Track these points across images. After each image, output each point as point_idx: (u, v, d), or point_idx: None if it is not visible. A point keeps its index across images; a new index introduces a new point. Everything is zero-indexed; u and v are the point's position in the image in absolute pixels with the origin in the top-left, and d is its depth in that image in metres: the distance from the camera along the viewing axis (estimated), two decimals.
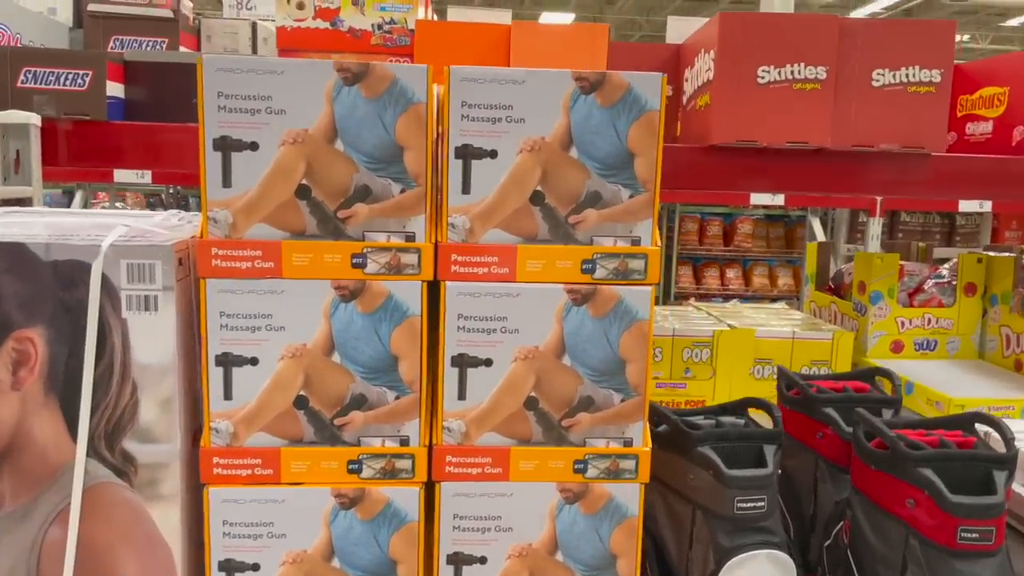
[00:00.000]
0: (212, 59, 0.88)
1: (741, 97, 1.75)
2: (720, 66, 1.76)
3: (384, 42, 1.81)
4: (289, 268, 0.91)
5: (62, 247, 0.90)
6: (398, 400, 0.95)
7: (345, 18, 1.78)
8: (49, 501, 0.94)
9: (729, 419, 1.26)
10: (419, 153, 0.91)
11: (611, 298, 0.94)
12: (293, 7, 1.75)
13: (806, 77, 1.75)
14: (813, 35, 1.75)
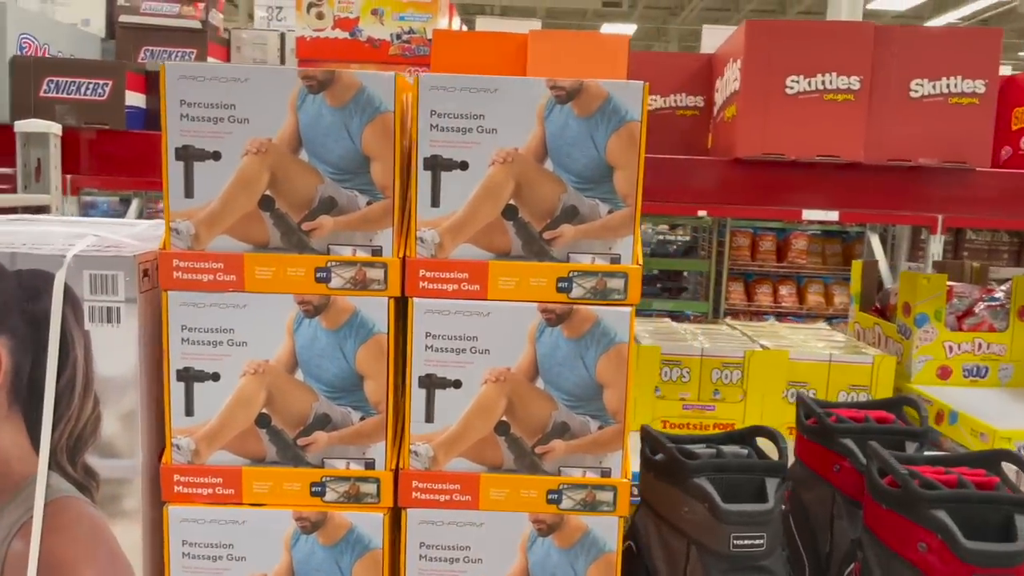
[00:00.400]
0: (175, 66, 0.86)
1: (768, 108, 1.68)
2: (747, 76, 1.69)
3: (403, 52, 1.79)
4: (251, 282, 0.88)
5: (26, 256, 0.89)
6: (363, 421, 0.91)
7: (364, 28, 1.76)
8: (12, 514, 0.93)
9: (732, 448, 1.18)
10: (386, 164, 0.87)
11: (588, 319, 0.89)
12: (312, 17, 1.74)
13: (838, 87, 1.67)
14: (846, 43, 1.67)
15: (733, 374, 2.10)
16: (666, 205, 1.93)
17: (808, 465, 1.35)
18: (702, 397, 2.11)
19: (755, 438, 1.23)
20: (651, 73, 2.08)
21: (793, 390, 2.13)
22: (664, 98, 2.09)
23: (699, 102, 2.08)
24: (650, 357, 2.08)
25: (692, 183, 1.72)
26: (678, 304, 5.34)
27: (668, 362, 2.09)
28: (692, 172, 1.71)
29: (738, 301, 5.23)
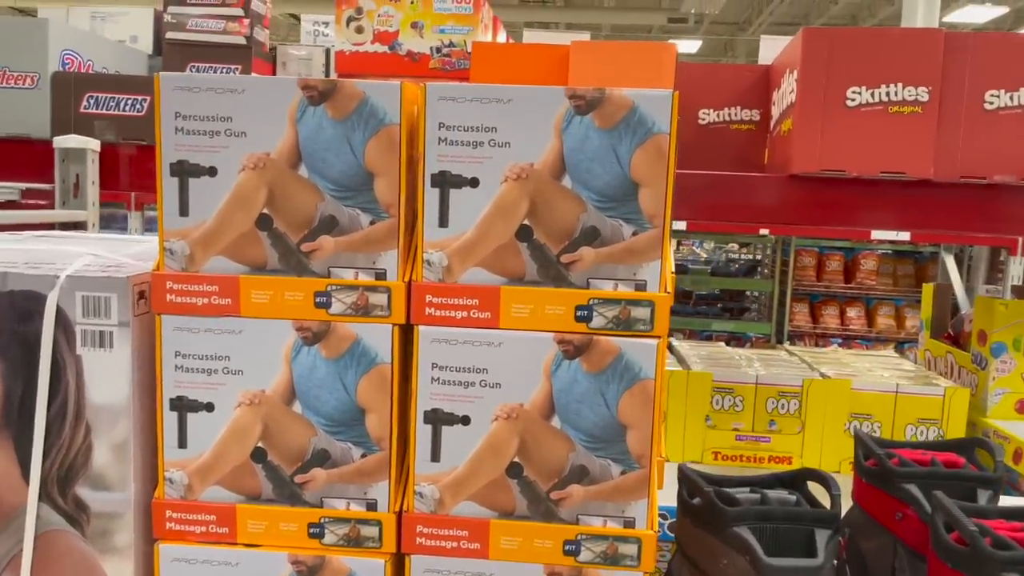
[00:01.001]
0: (170, 77, 0.81)
1: (827, 121, 1.57)
2: (804, 87, 1.58)
3: (443, 65, 1.73)
4: (248, 306, 0.82)
5: (19, 277, 0.85)
6: (365, 458, 0.84)
7: (404, 41, 1.71)
8: (3, 545, 0.88)
9: (779, 494, 1.08)
10: (391, 180, 0.81)
11: (609, 351, 0.80)
12: (352, 31, 1.71)
13: (904, 99, 1.55)
14: (913, 51, 1.55)
15: (790, 404, 1.98)
16: (714, 223, 1.83)
17: (867, 511, 1.23)
18: (757, 428, 1.99)
19: (806, 482, 1.12)
20: (704, 85, 1.99)
21: (856, 423, 1.99)
22: (717, 111, 1.99)
23: (755, 116, 1.98)
24: (701, 384, 1.97)
25: (743, 200, 1.62)
26: (739, 325, 5.16)
27: (720, 389, 1.98)
28: (743, 189, 1.61)
29: (803, 323, 5.02)
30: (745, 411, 1.99)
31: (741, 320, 5.32)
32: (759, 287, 5.31)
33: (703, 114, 2.00)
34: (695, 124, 2.00)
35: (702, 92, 1.99)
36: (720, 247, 7.34)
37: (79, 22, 2.11)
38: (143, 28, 2.08)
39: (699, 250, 8.75)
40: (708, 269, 5.52)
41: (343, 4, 1.73)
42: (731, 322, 5.22)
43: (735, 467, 1.98)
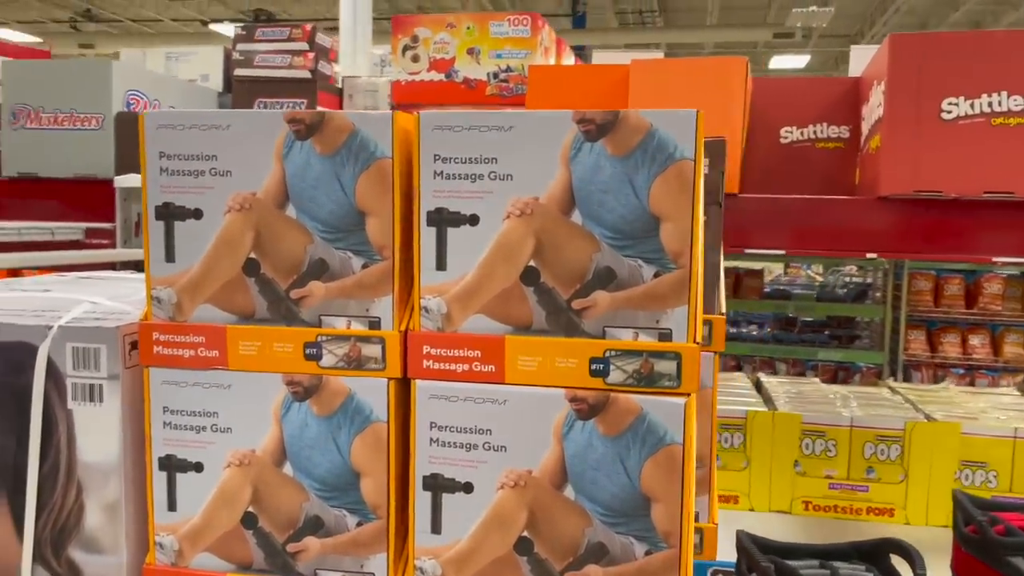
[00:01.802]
0: (154, 115, 0.76)
1: (920, 138, 1.41)
2: (892, 100, 1.43)
3: (500, 91, 1.66)
4: (235, 358, 0.76)
5: (10, 327, 0.81)
6: (360, 527, 0.76)
7: (460, 68, 1.65)
8: None
9: (854, 569, 0.93)
10: (384, 220, 0.73)
11: (630, 411, 0.69)
12: (408, 60, 1.66)
13: (1010, 110, 1.38)
14: (1021, 56, 1.37)
15: (891, 450, 1.79)
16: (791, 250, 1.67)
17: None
18: (853, 475, 1.81)
19: (888, 554, 0.97)
20: (786, 101, 1.84)
21: (968, 471, 1.78)
22: (801, 129, 1.84)
23: (843, 132, 1.82)
24: (789, 426, 1.80)
25: (823, 226, 1.47)
26: (848, 354, 4.85)
27: (810, 432, 1.81)
28: (822, 213, 1.46)
29: (919, 351, 4.67)
30: (839, 457, 1.81)
31: (850, 349, 4.99)
32: (869, 313, 4.98)
33: (785, 132, 1.85)
34: (776, 144, 1.85)
35: (784, 109, 1.85)
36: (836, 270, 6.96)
37: (155, 63, 2.16)
38: (214, 66, 2.11)
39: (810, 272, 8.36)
40: (814, 294, 5.22)
41: (399, 33, 1.68)
42: (839, 351, 4.90)
43: (828, 518, 1.80)
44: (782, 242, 1.50)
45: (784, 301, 5.02)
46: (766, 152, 1.84)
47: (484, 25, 1.62)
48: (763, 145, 1.84)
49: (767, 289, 5.18)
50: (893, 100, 1.42)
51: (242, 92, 2.05)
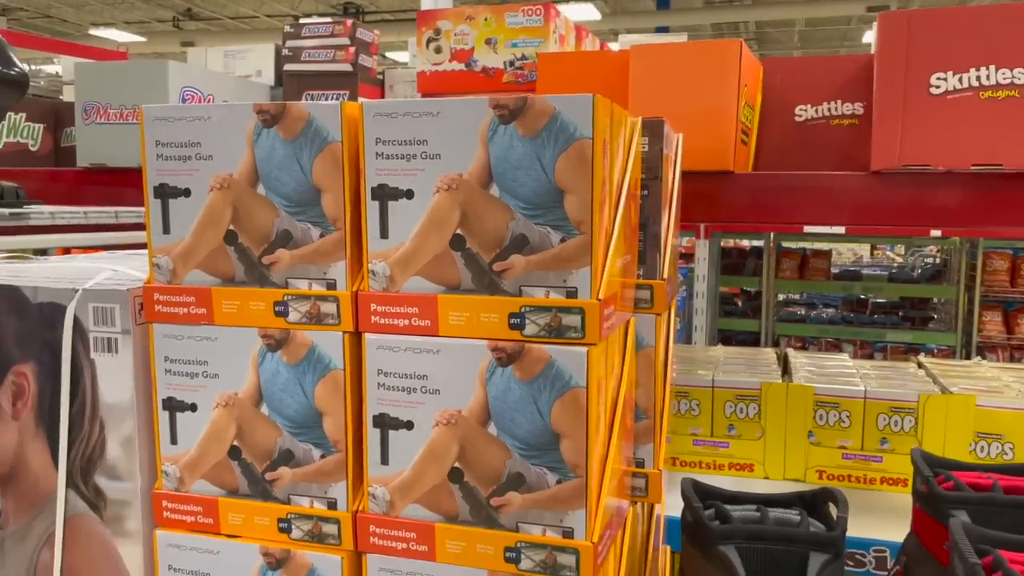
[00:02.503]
0: (151, 109, 0.90)
1: (909, 113, 1.44)
2: (881, 76, 1.47)
3: (516, 79, 1.76)
4: (220, 315, 0.90)
5: (46, 290, 0.97)
6: (324, 459, 0.89)
7: (479, 58, 1.76)
8: (41, 525, 1.01)
9: (786, 513, 1.01)
10: (336, 195, 0.85)
11: (540, 359, 0.80)
12: (431, 52, 1.77)
13: (999, 83, 1.40)
14: (1009, 30, 1.39)
15: (905, 421, 1.82)
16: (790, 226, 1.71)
17: (920, 539, 1.13)
18: (867, 446, 1.85)
19: (826, 502, 1.04)
20: (799, 80, 1.88)
21: (983, 443, 1.80)
22: (815, 107, 1.87)
23: (858, 109, 1.85)
24: (801, 398, 1.86)
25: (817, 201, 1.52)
26: (919, 336, 4.74)
27: (823, 404, 1.86)
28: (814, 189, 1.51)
29: (995, 333, 4.53)
30: (853, 428, 1.85)
31: (923, 330, 4.87)
32: (942, 293, 4.85)
33: (800, 111, 1.89)
34: (791, 122, 1.89)
35: (798, 87, 1.89)
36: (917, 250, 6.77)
37: (214, 62, 2.35)
38: (266, 63, 2.28)
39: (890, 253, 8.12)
40: (887, 274, 5.12)
41: (423, 26, 1.80)
42: (910, 332, 4.80)
43: (842, 487, 1.84)
44: (778, 217, 1.56)
45: (853, 282, 4.93)
46: (781, 131, 1.88)
47: (500, 16, 1.72)
48: (778, 124, 1.88)
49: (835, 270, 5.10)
50: (882, 76, 1.46)
51: (291, 86, 2.21)
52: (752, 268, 5.27)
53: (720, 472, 1.90)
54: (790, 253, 5.06)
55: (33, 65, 15.81)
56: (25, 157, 2.57)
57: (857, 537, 1.57)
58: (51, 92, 14.13)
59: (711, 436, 1.91)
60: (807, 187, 1.51)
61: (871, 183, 1.48)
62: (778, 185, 1.54)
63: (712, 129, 1.55)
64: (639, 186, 1.01)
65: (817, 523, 1.00)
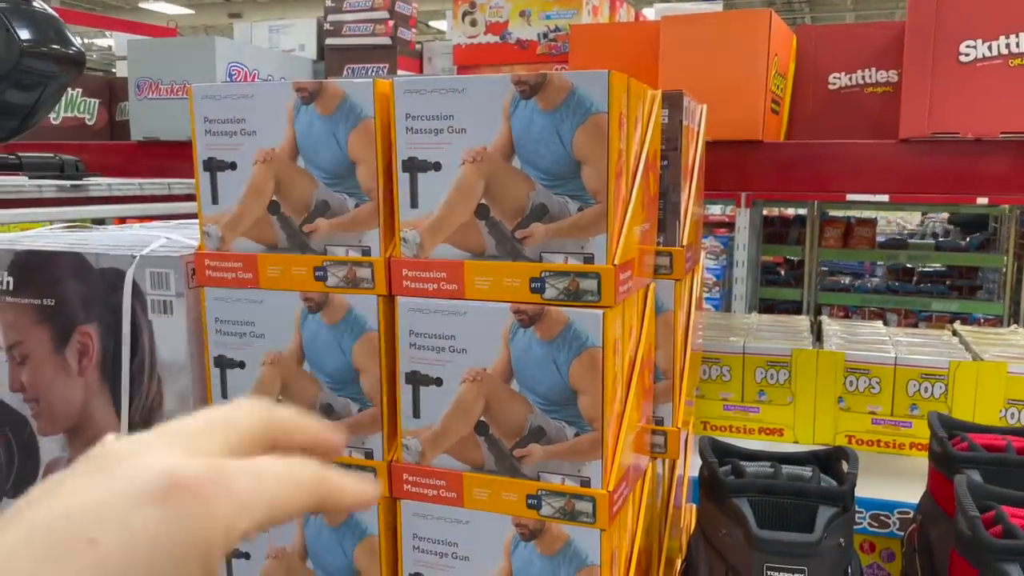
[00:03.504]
0: (199, 88, 0.97)
1: (937, 80, 1.46)
2: (911, 44, 1.48)
3: (549, 50, 1.79)
4: (265, 279, 0.97)
5: (107, 257, 1.06)
6: (361, 413, 0.96)
7: (513, 30, 1.80)
8: None
9: (798, 469, 1.06)
10: (370, 168, 0.91)
11: (559, 321, 0.85)
12: (467, 25, 1.82)
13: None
14: None
15: (934, 387, 1.85)
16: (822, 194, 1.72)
17: (935, 498, 1.17)
18: (896, 412, 1.88)
19: (840, 461, 1.08)
20: (833, 48, 1.89)
21: (1014, 410, 1.81)
22: (849, 75, 1.88)
23: (892, 77, 1.85)
24: (831, 364, 1.88)
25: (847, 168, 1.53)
26: (965, 305, 4.67)
27: (853, 370, 1.89)
28: (842, 157, 1.53)
29: None
30: (883, 394, 1.88)
31: (970, 300, 4.81)
32: (989, 262, 4.77)
33: (833, 79, 1.90)
34: (824, 90, 1.90)
35: (832, 55, 1.90)
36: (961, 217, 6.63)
37: (260, 36, 2.42)
38: (309, 37, 2.34)
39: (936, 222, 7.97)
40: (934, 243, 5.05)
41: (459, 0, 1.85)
42: (956, 301, 4.73)
43: (872, 451, 1.88)
44: (807, 185, 1.58)
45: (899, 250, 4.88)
46: (814, 99, 1.90)
47: None
48: (811, 92, 1.89)
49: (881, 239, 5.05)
50: (912, 44, 1.46)
51: (333, 59, 2.28)
52: (795, 237, 5.23)
53: (750, 436, 1.95)
54: (834, 222, 5.02)
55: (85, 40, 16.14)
56: (82, 131, 2.68)
57: (881, 499, 1.61)
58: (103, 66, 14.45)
59: (741, 401, 1.95)
60: (834, 155, 1.53)
61: (899, 151, 1.50)
62: (806, 154, 1.56)
63: (741, 99, 1.58)
64: (659, 157, 1.05)
65: (829, 479, 1.04)
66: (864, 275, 5.53)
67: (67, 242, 1.14)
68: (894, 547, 1.67)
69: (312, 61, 2.33)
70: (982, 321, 4.62)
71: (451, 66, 2.28)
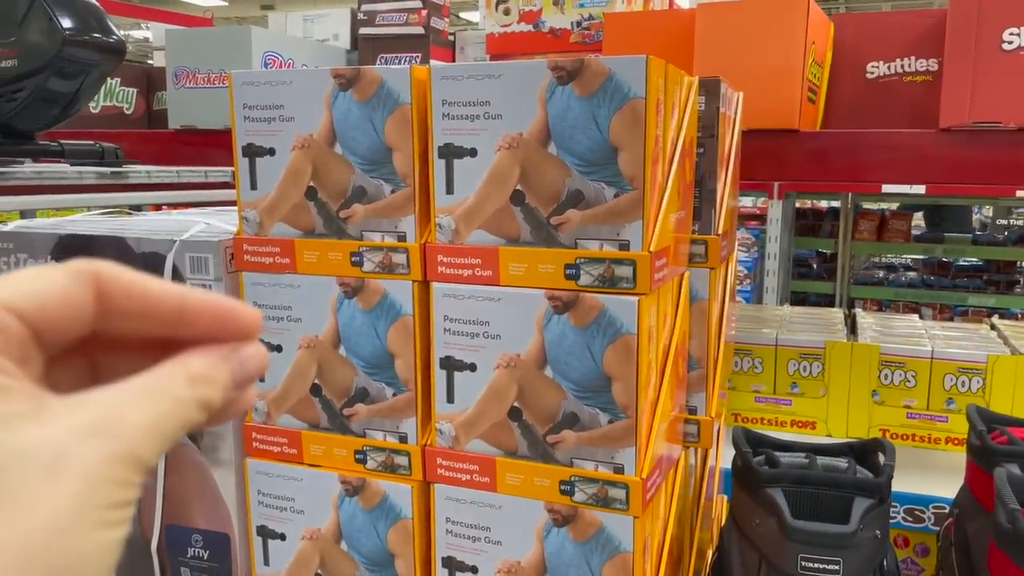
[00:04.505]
0: (239, 75, 0.98)
1: (979, 69, 1.43)
2: (952, 32, 1.45)
3: (583, 39, 1.79)
4: (302, 264, 0.98)
5: (148, 241, 1.07)
6: (396, 397, 0.97)
7: (546, 19, 1.79)
8: None
9: (834, 461, 1.05)
10: (406, 154, 0.92)
11: (594, 307, 0.85)
12: (500, 14, 1.82)
13: None
14: None
15: (972, 381, 1.82)
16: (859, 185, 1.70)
17: (973, 492, 1.15)
18: (932, 406, 1.85)
19: (877, 453, 1.08)
20: (871, 36, 1.86)
21: None
22: (888, 63, 1.85)
23: (932, 65, 1.82)
24: (866, 357, 1.86)
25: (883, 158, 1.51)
26: (1002, 300, 4.59)
27: (888, 363, 1.86)
28: (880, 147, 1.50)
29: None
30: (919, 387, 1.85)
31: (1008, 295, 4.72)
32: None
33: (872, 68, 1.87)
34: (862, 79, 1.88)
35: (870, 44, 1.87)
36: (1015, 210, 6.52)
37: (294, 26, 2.44)
38: (342, 27, 2.36)
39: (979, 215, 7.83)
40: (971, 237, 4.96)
41: None
42: (993, 296, 4.65)
43: (907, 446, 1.85)
44: (843, 175, 1.56)
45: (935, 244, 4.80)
46: (852, 88, 1.87)
47: None
48: (849, 81, 1.87)
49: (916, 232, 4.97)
50: (953, 32, 1.44)
51: (366, 49, 2.28)
52: (828, 229, 5.17)
53: (782, 429, 1.93)
54: (868, 214, 4.95)
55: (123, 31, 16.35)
56: (120, 119, 2.73)
57: (917, 494, 1.59)
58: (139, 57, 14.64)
59: (773, 394, 1.94)
60: (871, 145, 1.51)
61: (939, 140, 1.47)
62: (842, 143, 1.54)
63: (778, 87, 1.56)
64: (695, 144, 1.05)
65: (865, 471, 1.03)
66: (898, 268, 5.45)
67: (108, 227, 1.16)
68: (929, 542, 1.65)
69: (346, 51, 2.34)
70: (1020, 316, 4.53)
71: (484, 55, 2.28)
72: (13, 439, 0.29)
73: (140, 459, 0.32)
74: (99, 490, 0.30)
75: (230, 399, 0.37)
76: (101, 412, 0.31)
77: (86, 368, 0.38)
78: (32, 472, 0.29)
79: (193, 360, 0.36)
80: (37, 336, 0.32)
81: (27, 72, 1.56)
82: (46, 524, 0.28)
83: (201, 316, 0.37)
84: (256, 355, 0.39)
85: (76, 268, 0.34)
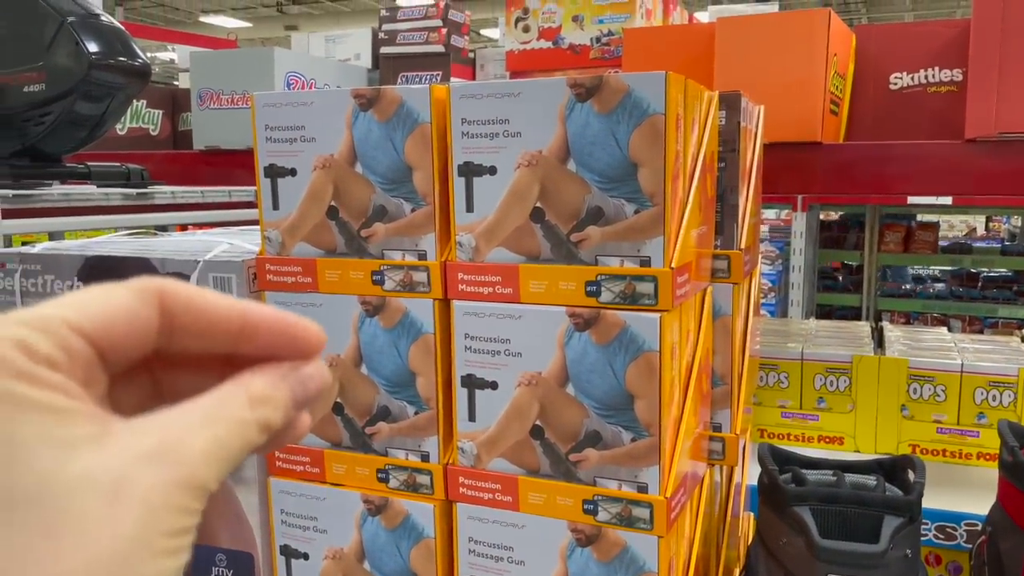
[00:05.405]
0: (261, 96, 0.99)
1: (1005, 79, 1.41)
2: (977, 42, 1.44)
3: (602, 55, 1.79)
4: (324, 283, 0.98)
5: (172, 261, 1.08)
6: (417, 415, 0.96)
7: (566, 35, 1.80)
8: None
9: (862, 478, 1.03)
10: (426, 173, 0.92)
11: (615, 324, 0.85)
12: (519, 31, 1.82)
13: None
14: None
15: (1003, 395, 1.78)
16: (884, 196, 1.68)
17: (1005, 509, 1.13)
18: (963, 421, 1.82)
19: (907, 470, 1.06)
20: (894, 47, 1.85)
21: None
22: (911, 74, 1.84)
23: (956, 76, 1.80)
24: (894, 371, 1.84)
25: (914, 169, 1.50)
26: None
27: (917, 377, 1.84)
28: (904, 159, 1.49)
29: None
30: (948, 402, 1.82)
31: None
32: None
33: (895, 79, 1.86)
34: (885, 90, 1.86)
35: (893, 55, 1.86)
36: None
37: (316, 47, 2.46)
38: (364, 46, 2.38)
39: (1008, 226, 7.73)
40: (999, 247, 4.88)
41: (512, 6, 1.85)
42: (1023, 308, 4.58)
43: (937, 461, 1.82)
44: (867, 187, 1.54)
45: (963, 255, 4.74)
46: (875, 99, 1.86)
47: None
48: (872, 93, 1.86)
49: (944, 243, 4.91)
50: (978, 42, 1.42)
51: (387, 68, 2.30)
52: (854, 241, 5.12)
53: (809, 444, 1.91)
54: (894, 225, 4.90)
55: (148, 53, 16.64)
56: (146, 141, 2.77)
57: (948, 511, 1.56)
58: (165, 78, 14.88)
59: (800, 409, 1.92)
60: (895, 156, 1.49)
61: (965, 151, 1.46)
62: (866, 155, 1.52)
63: (800, 100, 1.55)
64: (716, 158, 1.04)
65: (895, 488, 1.02)
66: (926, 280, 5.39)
67: (133, 248, 1.18)
68: (961, 560, 1.62)
69: (367, 70, 2.36)
70: None
71: (504, 72, 2.29)
72: (76, 464, 0.29)
73: (202, 485, 0.31)
74: (161, 517, 0.29)
75: (291, 419, 0.36)
76: (163, 437, 0.31)
77: (148, 386, 0.37)
78: (94, 498, 0.28)
79: (254, 381, 0.35)
80: (102, 356, 0.32)
81: (54, 96, 1.59)
82: (108, 551, 0.28)
83: (263, 332, 0.36)
84: (316, 375, 0.38)
85: (141, 286, 0.34)
